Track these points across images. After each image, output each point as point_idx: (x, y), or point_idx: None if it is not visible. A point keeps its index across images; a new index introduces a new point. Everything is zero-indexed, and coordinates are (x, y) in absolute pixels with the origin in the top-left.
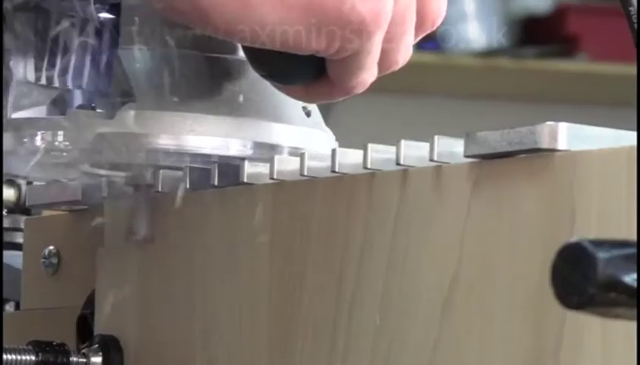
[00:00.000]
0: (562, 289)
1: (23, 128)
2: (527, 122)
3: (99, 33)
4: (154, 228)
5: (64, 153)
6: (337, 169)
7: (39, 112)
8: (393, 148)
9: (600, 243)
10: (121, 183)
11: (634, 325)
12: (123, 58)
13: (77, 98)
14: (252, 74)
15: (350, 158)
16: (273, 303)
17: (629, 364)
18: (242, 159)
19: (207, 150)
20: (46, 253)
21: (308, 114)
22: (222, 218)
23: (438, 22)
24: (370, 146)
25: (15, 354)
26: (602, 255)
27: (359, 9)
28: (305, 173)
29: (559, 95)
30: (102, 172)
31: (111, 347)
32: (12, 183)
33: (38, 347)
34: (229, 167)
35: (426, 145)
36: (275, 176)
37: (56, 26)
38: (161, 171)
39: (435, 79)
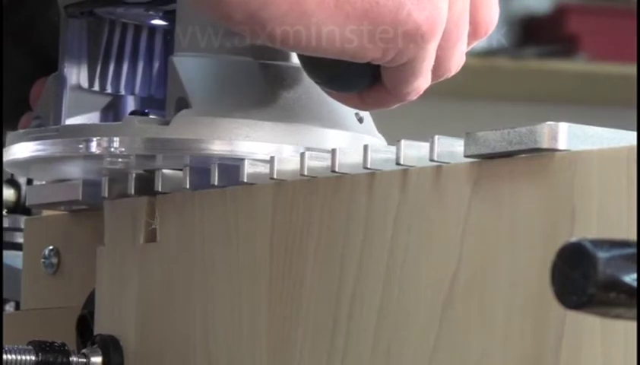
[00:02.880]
0: (562, 289)
1: (78, 134)
2: (527, 122)
3: (152, 40)
4: (155, 220)
5: (120, 159)
6: (337, 169)
7: (92, 118)
8: (393, 148)
9: (600, 243)
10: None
11: (634, 325)
12: (177, 65)
13: (130, 104)
14: (305, 81)
15: (350, 158)
16: (273, 302)
17: (629, 364)
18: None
19: (260, 156)
20: (46, 253)
21: (360, 120)
22: (222, 218)
23: (491, 30)
24: (370, 146)
25: (15, 354)
26: (602, 255)
27: (415, 17)
28: (305, 173)
29: (559, 95)
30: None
31: (111, 347)
32: (12, 183)
33: (38, 347)
34: (229, 167)
35: (426, 145)
36: (275, 176)
37: (110, 33)
38: (161, 171)
39: None
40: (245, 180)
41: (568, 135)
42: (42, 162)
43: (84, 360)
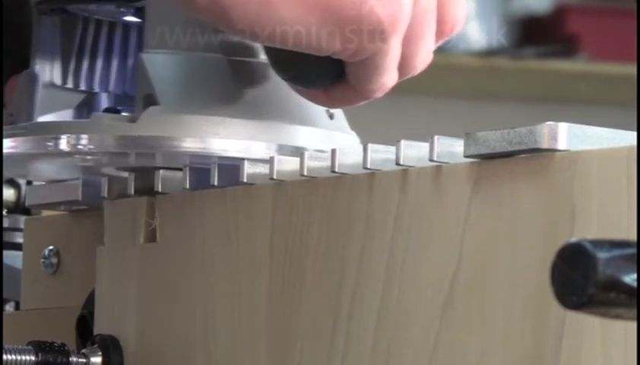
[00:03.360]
0: (562, 289)
1: (47, 131)
2: (527, 122)
3: (125, 37)
4: (155, 221)
5: (89, 157)
6: (337, 169)
7: (65, 116)
8: (393, 148)
9: (600, 243)
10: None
11: (634, 325)
12: (146, 62)
13: (104, 102)
14: (276, 78)
15: (350, 158)
16: (273, 302)
17: (629, 364)
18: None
19: (231, 153)
20: (46, 253)
21: (331, 116)
22: (222, 218)
23: (458, 28)
24: (370, 146)
25: (15, 354)
26: (602, 255)
27: (377, 11)
28: (305, 173)
29: (559, 95)
30: (127, 175)
31: (111, 347)
32: (12, 183)
33: (38, 347)
34: (229, 167)
35: (426, 145)
36: (275, 176)
37: (83, 29)
38: (161, 171)
39: (435, 79)
40: (245, 180)
41: (568, 135)
42: (15, 159)
43: (84, 360)
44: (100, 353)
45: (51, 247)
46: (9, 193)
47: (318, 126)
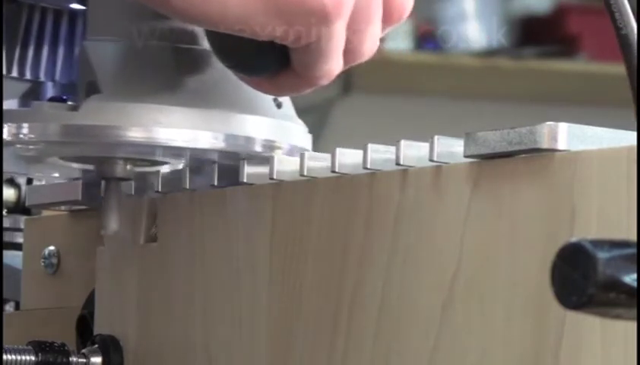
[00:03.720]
0: (562, 289)
1: None
2: (527, 122)
3: (72, 25)
4: (155, 228)
5: (31, 146)
6: (337, 169)
7: (10, 105)
8: (393, 148)
9: (600, 243)
10: (95, 176)
11: (634, 325)
12: (89, 50)
13: (50, 91)
14: (221, 66)
15: (350, 158)
16: (273, 302)
17: (629, 364)
18: (239, 155)
19: (177, 143)
20: (46, 253)
21: (279, 105)
22: (222, 218)
23: (405, 15)
24: (370, 146)
25: (15, 354)
26: (602, 255)
27: None
28: (305, 173)
29: (559, 95)
30: (75, 165)
31: (111, 347)
32: (12, 183)
33: (38, 347)
34: (229, 167)
35: (426, 145)
36: (275, 176)
37: (28, 17)
38: (160, 172)
39: (435, 79)
40: (245, 180)
41: (568, 135)
42: None
43: (84, 360)
44: (100, 353)
45: (51, 247)
46: (9, 193)
47: (265, 115)
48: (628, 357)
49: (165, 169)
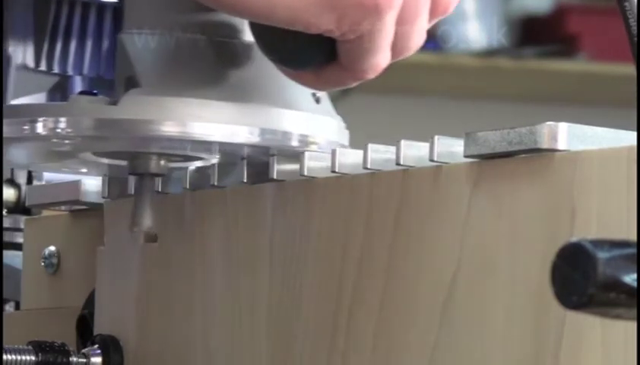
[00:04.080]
0: (562, 289)
1: (23, 114)
2: (527, 122)
3: (100, 18)
4: (156, 228)
5: (66, 141)
6: (337, 169)
7: (38, 99)
8: (393, 148)
9: (600, 243)
10: (124, 172)
11: (634, 325)
12: (127, 43)
13: (78, 84)
14: (260, 59)
15: (350, 158)
16: (273, 303)
17: (629, 364)
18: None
19: (213, 138)
20: (46, 253)
21: (317, 100)
22: (222, 218)
23: (452, 8)
24: (370, 146)
25: (15, 354)
26: (602, 255)
27: None
28: (305, 173)
29: (559, 95)
30: (105, 161)
31: (111, 347)
32: (12, 183)
33: (38, 347)
34: (229, 167)
35: (426, 145)
36: (275, 176)
37: (56, 11)
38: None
39: (435, 79)
40: (245, 180)
41: (568, 135)
42: None
43: (84, 360)
44: (100, 353)
45: (51, 247)
46: (9, 193)
47: (304, 110)
48: (628, 357)
49: (197, 164)
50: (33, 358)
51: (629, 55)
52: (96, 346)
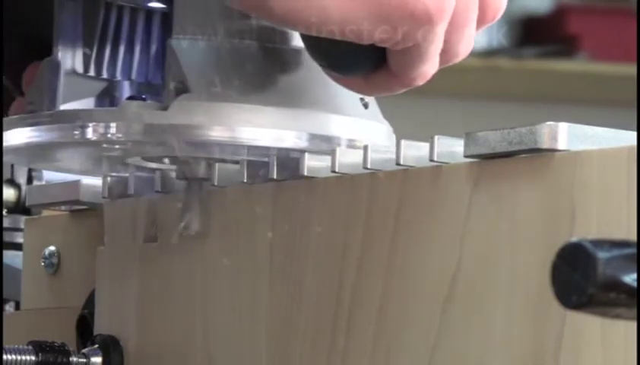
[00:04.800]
0: (562, 289)
1: (74, 119)
2: (527, 122)
3: (148, 24)
4: (156, 228)
5: (116, 146)
6: (337, 169)
7: (87, 104)
8: (393, 148)
9: (600, 243)
10: (173, 176)
11: (634, 325)
12: (176, 48)
13: (125, 89)
14: (309, 64)
15: (350, 158)
16: (273, 303)
17: (629, 364)
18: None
19: (261, 142)
20: (46, 253)
21: (365, 106)
22: (222, 218)
23: (500, 14)
24: (370, 146)
25: (15, 354)
26: (602, 255)
27: None
28: (306, 173)
29: (559, 95)
30: (154, 165)
31: (111, 347)
32: (12, 183)
33: (38, 347)
34: (229, 167)
35: (426, 145)
36: (275, 176)
37: (105, 16)
38: (157, 172)
39: (435, 79)
40: (245, 180)
41: (568, 135)
42: (37, 148)
43: (84, 360)
44: (100, 353)
45: (51, 247)
46: (9, 193)
47: (352, 115)
48: (629, 357)
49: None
50: (33, 358)
51: (629, 55)
52: (96, 346)
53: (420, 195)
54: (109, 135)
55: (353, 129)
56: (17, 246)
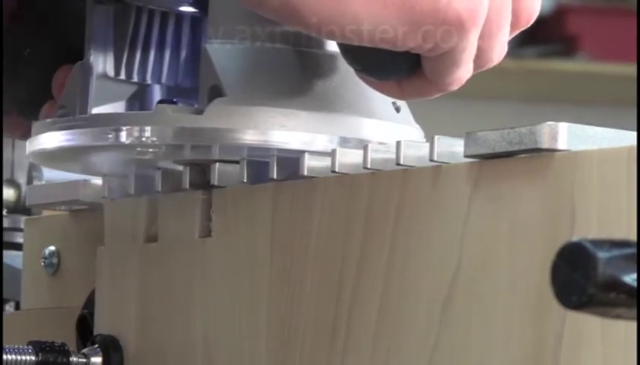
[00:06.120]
0: (562, 289)
1: (107, 123)
2: (527, 122)
3: (179, 27)
4: (157, 228)
5: (150, 149)
6: (337, 169)
7: (118, 108)
8: (393, 148)
9: (600, 243)
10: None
11: (634, 325)
12: (211, 53)
13: (156, 93)
14: (342, 69)
15: (350, 158)
16: (273, 303)
17: (629, 364)
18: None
19: (293, 146)
20: (46, 253)
21: (397, 109)
22: (222, 218)
23: (533, 19)
24: (370, 146)
25: (15, 354)
26: (602, 255)
27: (455, 6)
28: (306, 173)
29: (559, 95)
30: (182, 169)
31: (111, 347)
32: (12, 183)
33: (38, 347)
34: (229, 167)
35: (426, 145)
36: (275, 177)
37: (136, 20)
38: (159, 171)
39: None
40: (245, 180)
41: (568, 135)
42: (69, 152)
43: (84, 360)
44: (100, 353)
45: (51, 247)
46: (9, 193)
47: (384, 119)
48: (628, 357)
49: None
50: (33, 358)
51: (629, 55)
52: (96, 346)
53: (420, 195)
54: (143, 139)
55: (384, 133)
56: (17, 246)
